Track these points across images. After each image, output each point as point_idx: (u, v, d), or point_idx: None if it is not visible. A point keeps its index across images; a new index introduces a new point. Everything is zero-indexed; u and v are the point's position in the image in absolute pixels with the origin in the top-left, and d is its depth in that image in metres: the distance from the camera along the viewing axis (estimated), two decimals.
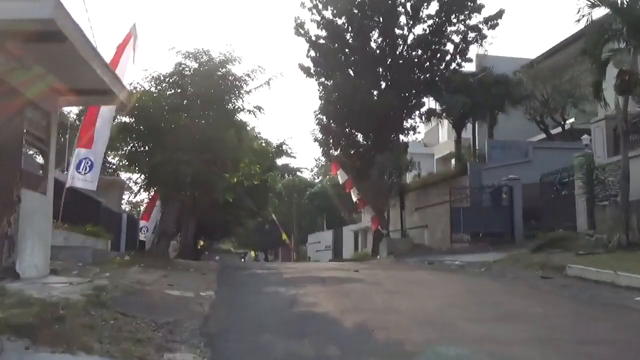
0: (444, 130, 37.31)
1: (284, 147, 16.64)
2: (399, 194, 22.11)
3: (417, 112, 26.13)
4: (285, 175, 43.51)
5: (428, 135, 39.03)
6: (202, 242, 31.33)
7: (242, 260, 64.03)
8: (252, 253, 68.03)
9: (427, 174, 28.22)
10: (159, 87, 13.91)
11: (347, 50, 24.85)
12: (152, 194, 16.70)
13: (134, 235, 23.16)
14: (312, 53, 25.58)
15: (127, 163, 14.06)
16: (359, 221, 41.83)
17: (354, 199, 22.57)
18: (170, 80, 13.88)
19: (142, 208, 27.92)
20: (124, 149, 14.11)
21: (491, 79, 22.95)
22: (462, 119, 26.35)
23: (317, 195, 47.33)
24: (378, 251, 21.34)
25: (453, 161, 36.20)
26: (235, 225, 31.64)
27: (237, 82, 14.35)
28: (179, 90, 14.04)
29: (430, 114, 26.59)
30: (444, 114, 26.36)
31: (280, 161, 34.14)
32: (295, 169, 58.64)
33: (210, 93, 13.85)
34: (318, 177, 66.50)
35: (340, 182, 22.98)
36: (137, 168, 14.02)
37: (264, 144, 16.37)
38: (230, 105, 14.29)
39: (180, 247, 28.14)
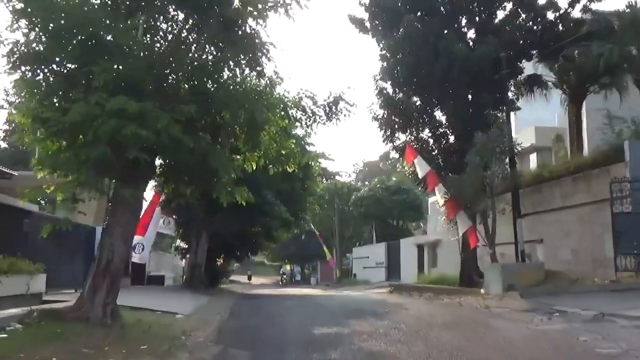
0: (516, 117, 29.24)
1: (341, 105, 8.87)
2: (512, 191, 14.22)
3: (511, 81, 18.25)
4: (323, 179, 36.26)
5: None
6: (221, 261, 24.06)
7: (283, 277, 56.33)
8: (287, 267, 61.48)
9: (539, 165, 20.24)
10: None
11: None
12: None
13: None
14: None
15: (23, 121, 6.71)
16: (417, 231, 33.98)
17: (440, 201, 14.82)
18: None
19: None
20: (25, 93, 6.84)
21: None
22: (583, 86, 18.42)
23: (364, 200, 39.42)
24: (481, 280, 13.58)
25: (534, 157, 28.17)
26: (266, 238, 24.40)
27: None
28: None
29: (534, 81, 18.75)
30: (555, 80, 18.56)
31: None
32: (333, 173, 51.46)
33: None
34: (357, 183, 59.19)
35: (420, 175, 15.19)
36: (43, 132, 6.66)
37: (306, 99, 8.65)
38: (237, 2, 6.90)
39: (188, 271, 21.09)
